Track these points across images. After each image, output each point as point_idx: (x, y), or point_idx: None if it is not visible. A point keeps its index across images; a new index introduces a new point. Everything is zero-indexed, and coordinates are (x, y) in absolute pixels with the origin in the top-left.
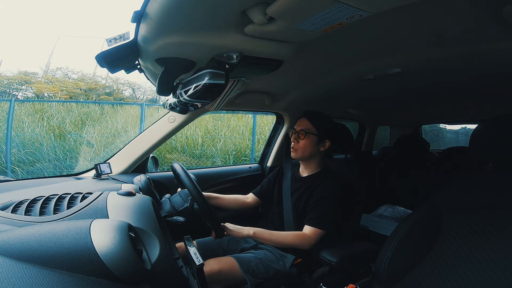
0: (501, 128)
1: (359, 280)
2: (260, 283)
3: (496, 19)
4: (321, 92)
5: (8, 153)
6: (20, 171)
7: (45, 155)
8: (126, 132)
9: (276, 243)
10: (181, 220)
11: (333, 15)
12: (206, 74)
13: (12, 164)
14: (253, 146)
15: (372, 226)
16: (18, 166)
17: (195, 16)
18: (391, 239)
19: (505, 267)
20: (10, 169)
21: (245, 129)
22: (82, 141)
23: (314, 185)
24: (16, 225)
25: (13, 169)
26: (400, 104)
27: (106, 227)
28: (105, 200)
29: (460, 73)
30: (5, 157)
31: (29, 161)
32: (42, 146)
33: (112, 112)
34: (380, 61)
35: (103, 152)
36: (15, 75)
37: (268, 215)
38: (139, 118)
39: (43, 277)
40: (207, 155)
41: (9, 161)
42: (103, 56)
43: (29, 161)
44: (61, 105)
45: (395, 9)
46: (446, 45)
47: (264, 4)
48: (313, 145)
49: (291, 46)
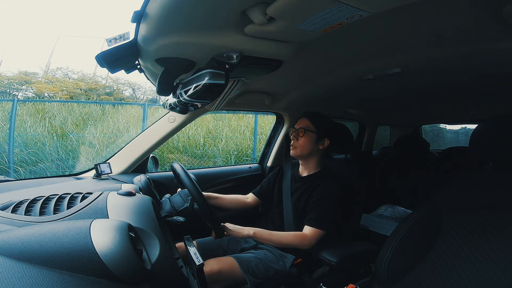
0: (501, 128)
1: (359, 280)
2: (260, 283)
3: (496, 19)
4: (321, 92)
5: (11, 153)
6: (23, 171)
7: (47, 155)
8: (128, 132)
9: (276, 243)
10: (181, 220)
11: (333, 15)
12: (206, 74)
13: (15, 164)
14: (254, 146)
15: (372, 226)
16: (21, 166)
17: (195, 16)
18: (391, 239)
19: (505, 267)
20: (13, 169)
21: (246, 129)
22: (85, 141)
23: (314, 184)
24: (16, 225)
25: (16, 169)
26: (400, 104)
27: (106, 227)
28: (105, 200)
29: (460, 73)
30: (7, 157)
31: (32, 161)
32: (45, 146)
33: (113, 112)
34: (380, 61)
35: (105, 152)
36: (15, 75)
37: (268, 215)
38: (141, 117)
39: (43, 277)
40: (209, 155)
41: (11, 161)
42: (103, 56)
43: (31, 161)
44: (62, 105)
45: (395, 9)
46: (446, 45)
47: (264, 4)
48: (312, 143)
49: (291, 46)
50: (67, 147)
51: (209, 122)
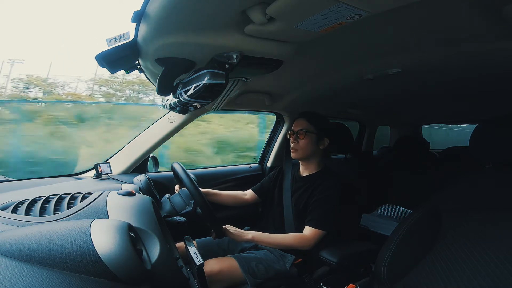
0: (501, 128)
1: (359, 280)
2: (260, 283)
3: (496, 19)
4: (321, 92)
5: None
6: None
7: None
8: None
9: (275, 245)
10: (181, 220)
11: (333, 15)
12: (206, 74)
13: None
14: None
15: (372, 226)
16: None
17: (195, 16)
18: (391, 239)
19: (505, 267)
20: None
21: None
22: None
23: (314, 184)
24: (16, 225)
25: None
26: (400, 104)
27: (106, 227)
28: (105, 200)
29: (460, 73)
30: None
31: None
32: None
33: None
34: (380, 61)
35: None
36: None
37: (268, 215)
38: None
39: (43, 277)
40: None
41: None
42: (103, 56)
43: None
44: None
45: (395, 9)
46: (446, 45)
47: (264, 4)
48: (312, 144)
49: (291, 46)
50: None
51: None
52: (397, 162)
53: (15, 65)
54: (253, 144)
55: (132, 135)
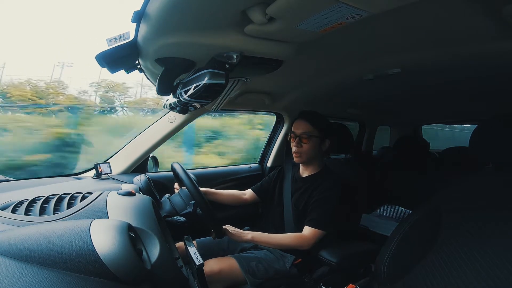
0: (501, 128)
1: (359, 280)
2: (260, 283)
3: (496, 19)
4: (321, 92)
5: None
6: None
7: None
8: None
9: (275, 245)
10: (181, 220)
11: (333, 15)
12: (206, 74)
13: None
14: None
15: (372, 226)
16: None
17: (195, 16)
18: (391, 239)
19: (505, 267)
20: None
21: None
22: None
23: (315, 184)
24: (16, 225)
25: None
26: (400, 104)
27: (106, 227)
28: (105, 200)
29: (460, 73)
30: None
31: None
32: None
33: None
34: (380, 61)
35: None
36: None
37: (268, 216)
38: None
39: (43, 277)
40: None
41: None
42: (103, 56)
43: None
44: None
45: (395, 9)
46: (446, 45)
47: (264, 4)
48: (316, 147)
49: (291, 46)
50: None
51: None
52: (397, 162)
53: (65, 68)
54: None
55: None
